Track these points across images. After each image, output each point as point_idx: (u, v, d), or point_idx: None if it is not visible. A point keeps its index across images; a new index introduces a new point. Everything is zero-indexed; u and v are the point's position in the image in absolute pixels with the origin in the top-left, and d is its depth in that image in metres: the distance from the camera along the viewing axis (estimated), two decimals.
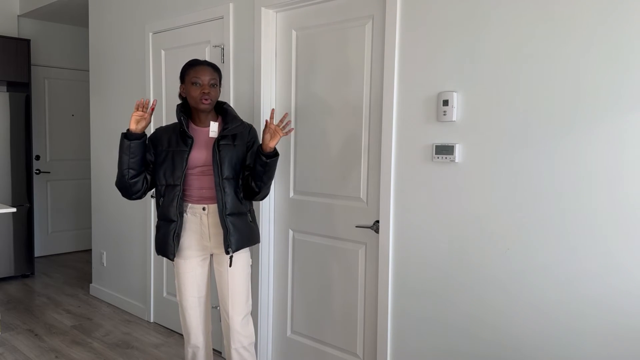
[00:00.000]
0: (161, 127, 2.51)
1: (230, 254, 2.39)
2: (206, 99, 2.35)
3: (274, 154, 2.36)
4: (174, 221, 2.39)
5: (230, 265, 2.42)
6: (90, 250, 5.86)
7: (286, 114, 2.40)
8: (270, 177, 2.41)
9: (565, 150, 1.96)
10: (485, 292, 2.20)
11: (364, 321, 2.70)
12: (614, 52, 1.84)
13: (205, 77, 2.36)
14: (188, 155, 2.38)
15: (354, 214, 2.71)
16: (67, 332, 3.73)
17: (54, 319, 3.97)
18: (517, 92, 2.06)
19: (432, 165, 2.33)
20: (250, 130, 2.49)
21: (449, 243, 2.30)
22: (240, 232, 2.41)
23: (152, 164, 2.45)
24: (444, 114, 2.25)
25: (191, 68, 2.39)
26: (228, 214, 2.38)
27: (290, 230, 3.02)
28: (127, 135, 2.33)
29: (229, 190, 2.39)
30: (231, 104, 3.19)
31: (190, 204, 2.44)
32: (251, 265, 2.55)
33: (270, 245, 3.11)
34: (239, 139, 2.44)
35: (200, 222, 2.44)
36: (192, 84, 2.36)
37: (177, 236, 2.40)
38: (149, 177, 2.45)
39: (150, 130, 3.79)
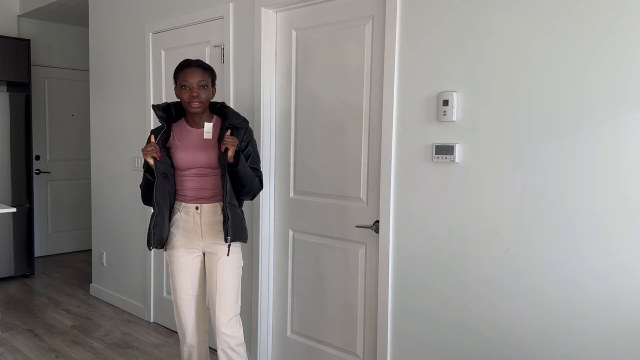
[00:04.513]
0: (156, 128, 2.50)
1: (229, 242, 2.35)
2: (195, 103, 2.35)
3: (232, 165, 2.32)
4: (153, 212, 2.41)
5: (227, 254, 2.40)
6: (90, 250, 5.87)
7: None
8: (240, 184, 2.37)
9: (566, 150, 1.96)
10: (486, 291, 2.20)
11: (364, 321, 2.70)
12: (617, 51, 1.84)
13: (194, 80, 2.33)
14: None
15: (354, 214, 2.71)
16: (67, 332, 3.73)
17: (54, 319, 3.97)
18: (518, 91, 2.06)
19: (432, 165, 2.33)
20: (246, 129, 2.47)
21: (449, 243, 2.30)
22: (236, 223, 2.38)
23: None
24: (444, 114, 2.25)
25: (180, 71, 2.38)
26: (229, 202, 2.35)
27: (290, 230, 3.02)
28: (151, 172, 2.36)
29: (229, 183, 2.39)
30: (231, 104, 3.19)
31: (183, 204, 2.45)
32: (242, 267, 2.54)
33: (270, 245, 3.11)
34: (238, 134, 2.42)
35: (193, 222, 2.45)
36: (182, 87, 2.36)
37: (155, 226, 2.39)
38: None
39: (148, 128, 3.79)
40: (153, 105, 2.45)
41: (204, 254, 2.53)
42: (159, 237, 2.41)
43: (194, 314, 2.52)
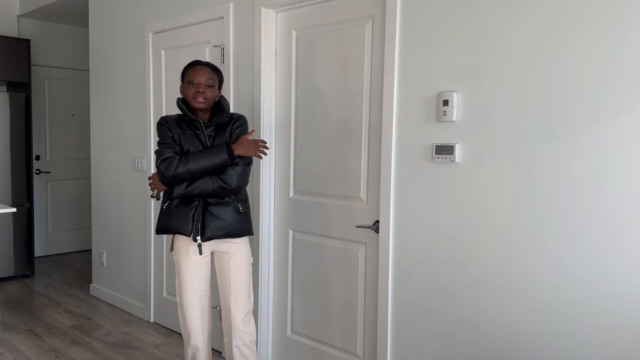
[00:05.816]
0: (169, 116, 2.47)
1: (198, 242, 2.39)
2: (200, 98, 2.35)
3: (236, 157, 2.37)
4: (196, 200, 2.38)
5: (200, 253, 2.42)
6: (90, 250, 5.86)
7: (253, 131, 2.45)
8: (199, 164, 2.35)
9: (566, 150, 1.96)
10: (486, 292, 2.20)
11: (364, 321, 2.70)
12: (620, 49, 1.84)
13: (202, 77, 2.36)
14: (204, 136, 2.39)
15: (354, 214, 2.71)
16: (67, 332, 3.73)
17: (54, 319, 3.97)
18: (518, 91, 2.06)
19: (432, 165, 2.33)
20: (237, 118, 2.45)
21: (449, 243, 2.30)
22: (220, 221, 2.40)
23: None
24: (444, 114, 2.25)
25: (190, 68, 2.41)
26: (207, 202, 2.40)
27: (290, 230, 3.02)
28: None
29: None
30: (231, 104, 3.19)
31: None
32: (252, 264, 2.55)
33: (270, 245, 3.11)
34: (222, 129, 2.43)
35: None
36: (189, 83, 2.37)
37: (197, 215, 2.38)
38: None
39: (149, 128, 3.79)
40: (178, 100, 2.44)
41: (211, 253, 2.53)
42: None
43: (199, 315, 2.51)
